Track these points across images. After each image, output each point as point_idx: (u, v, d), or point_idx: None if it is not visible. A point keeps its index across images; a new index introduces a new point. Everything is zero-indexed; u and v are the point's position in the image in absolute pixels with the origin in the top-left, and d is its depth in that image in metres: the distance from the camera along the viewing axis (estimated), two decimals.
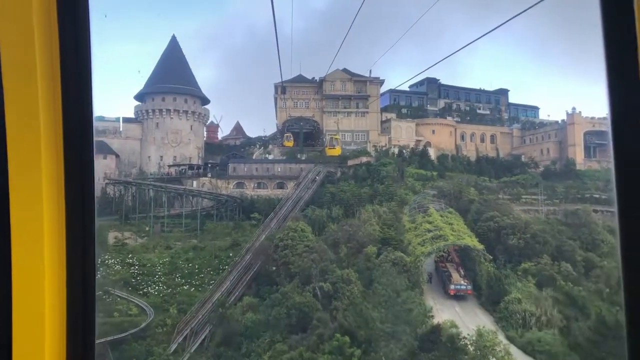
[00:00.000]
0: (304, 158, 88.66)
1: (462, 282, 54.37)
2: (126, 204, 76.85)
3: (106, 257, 59.66)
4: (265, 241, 61.02)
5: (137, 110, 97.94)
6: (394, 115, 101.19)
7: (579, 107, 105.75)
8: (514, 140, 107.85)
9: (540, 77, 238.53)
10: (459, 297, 53.32)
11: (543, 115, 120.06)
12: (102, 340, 40.32)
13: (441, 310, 49.30)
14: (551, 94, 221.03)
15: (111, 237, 66.22)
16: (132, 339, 45.75)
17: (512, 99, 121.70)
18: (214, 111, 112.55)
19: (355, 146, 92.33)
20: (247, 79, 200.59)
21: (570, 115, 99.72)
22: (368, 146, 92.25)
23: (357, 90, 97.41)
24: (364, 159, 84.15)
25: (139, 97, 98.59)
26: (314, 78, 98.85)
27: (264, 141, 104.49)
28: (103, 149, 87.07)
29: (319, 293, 49.03)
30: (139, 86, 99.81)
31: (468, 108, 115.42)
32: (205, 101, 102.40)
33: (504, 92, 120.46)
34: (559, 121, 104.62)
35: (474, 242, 56.43)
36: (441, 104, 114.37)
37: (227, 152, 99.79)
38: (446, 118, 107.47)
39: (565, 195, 77.94)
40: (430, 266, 58.49)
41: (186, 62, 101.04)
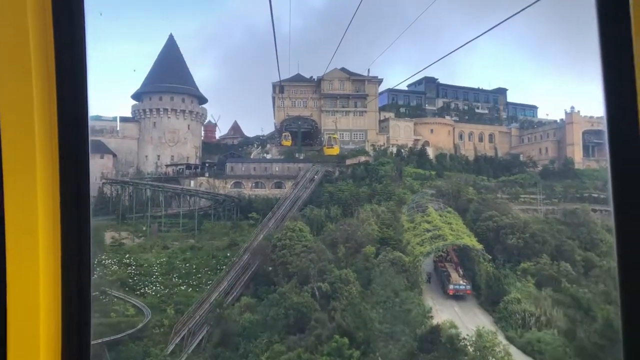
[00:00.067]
0: (302, 157, 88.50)
1: (461, 282, 54.28)
2: (123, 203, 76.56)
3: (103, 257, 59.46)
4: (263, 241, 60.83)
5: (134, 109, 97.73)
6: (392, 115, 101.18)
7: (577, 106, 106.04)
8: (512, 140, 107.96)
9: (539, 76, 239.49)
10: (458, 297, 53.23)
11: (542, 115, 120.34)
12: (99, 341, 40.13)
13: (440, 311, 49.18)
14: (550, 93, 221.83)
15: (108, 237, 66.02)
16: (129, 340, 45.57)
17: (510, 98, 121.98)
18: (212, 110, 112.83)
19: (353, 145, 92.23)
20: (245, 78, 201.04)
21: (568, 115, 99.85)
22: (366, 145, 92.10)
23: (355, 89, 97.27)
24: (362, 159, 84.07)
25: (136, 96, 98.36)
26: (312, 77, 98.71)
27: (261, 140, 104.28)
28: (100, 149, 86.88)
29: (317, 293, 48.89)
30: (136, 85, 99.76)
31: (466, 107, 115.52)
32: (203, 100, 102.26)
33: (502, 92, 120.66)
34: (558, 120, 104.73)
35: (473, 242, 56.36)
36: (439, 103, 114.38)
37: (225, 151, 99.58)
38: (444, 117, 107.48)
39: (564, 195, 77.95)
40: (429, 266, 58.35)
41: (183, 61, 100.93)
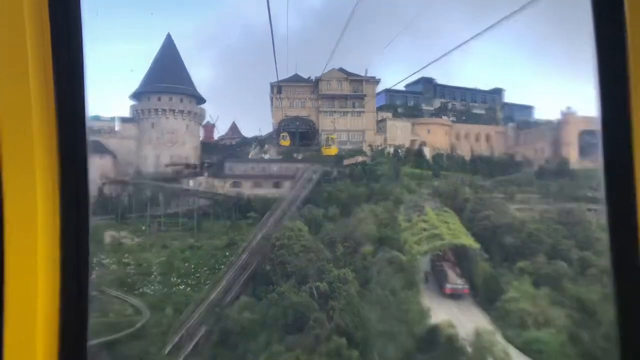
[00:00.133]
0: (300, 157, 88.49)
1: (459, 281, 54.45)
2: (123, 203, 76.57)
3: (102, 256, 59.47)
4: (261, 240, 60.96)
5: (133, 109, 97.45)
6: (389, 115, 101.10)
7: (575, 107, 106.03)
8: (508, 140, 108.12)
9: (535, 76, 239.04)
10: (455, 296, 53.35)
11: (538, 115, 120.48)
12: (97, 341, 40.15)
13: (437, 310, 49.32)
14: (546, 93, 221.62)
15: (107, 236, 65.99)
16: (127, 339, 45.58)
17: (507, 98, 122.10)
18: (211, 111, 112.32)
19: (351, 146, 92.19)
20: (243, 78, 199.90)
21: (565, 115, 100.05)
22: (364, 146, 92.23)
23: (353, 89, 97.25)
24: (359, 159, 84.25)
25: (134, 96, 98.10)
26: (310, 77, 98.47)
27: (260, 141, 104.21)
28: (99, 149, 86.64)
29: (315, 293, 49.04)
30: (135, 85, 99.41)
31: (463, 107, 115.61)
32: (201, 101, 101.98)
33: (499, 92, 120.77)
34: (554, 120, 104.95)
35: (470, 241, 56.52)
36: (437, 103, 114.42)
37: (224, 151, 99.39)
38: (442, 117, 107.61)
39: (560, 194, 78.20)
40: (426, 265, 58.53)
41: (182, 61, 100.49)
